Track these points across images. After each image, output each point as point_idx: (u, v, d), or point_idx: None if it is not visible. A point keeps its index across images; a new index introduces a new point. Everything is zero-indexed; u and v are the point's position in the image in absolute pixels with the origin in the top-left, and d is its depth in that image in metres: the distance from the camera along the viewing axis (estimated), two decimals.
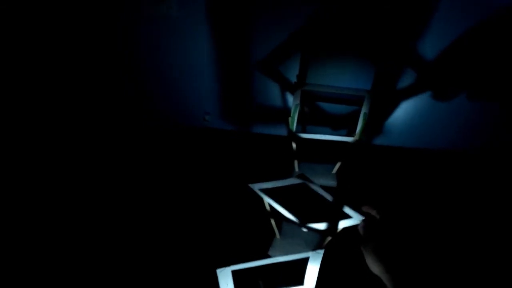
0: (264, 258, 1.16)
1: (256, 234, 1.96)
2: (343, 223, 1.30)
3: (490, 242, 2.01)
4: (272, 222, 1.75)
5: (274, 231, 1.81)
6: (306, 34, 2.13)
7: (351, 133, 2.46)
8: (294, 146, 2.09)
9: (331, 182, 2.16)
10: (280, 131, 2.64)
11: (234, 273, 1.04)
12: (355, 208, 1.20)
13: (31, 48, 2.42)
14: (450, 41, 2.04)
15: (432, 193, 2.31)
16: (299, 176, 1.21)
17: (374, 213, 1.14)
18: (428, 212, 2.19)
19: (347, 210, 1.21)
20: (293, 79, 2.32)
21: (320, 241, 1.80)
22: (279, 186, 1.31)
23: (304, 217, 1.55)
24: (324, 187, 1.27)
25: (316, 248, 1.76)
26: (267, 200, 1.49)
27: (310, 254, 1.01)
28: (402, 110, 2.39)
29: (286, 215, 1.61)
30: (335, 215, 1.26)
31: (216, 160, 2.55)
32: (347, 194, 2.19)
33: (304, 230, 1.83)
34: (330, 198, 1.25)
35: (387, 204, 2.04)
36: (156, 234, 2.06)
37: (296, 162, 2.20)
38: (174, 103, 2.63)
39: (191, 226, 2.11)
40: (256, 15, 2.13)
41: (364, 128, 1.99)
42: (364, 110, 2.00)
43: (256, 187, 1.38)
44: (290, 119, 2.05)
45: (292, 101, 2.11)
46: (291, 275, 1.18)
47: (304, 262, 1.12)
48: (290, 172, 2.22)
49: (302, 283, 1.15)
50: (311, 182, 1.22)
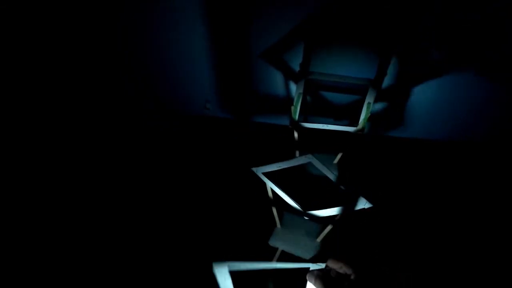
0: (264, 249, 1.12)
1: (257, 223, 1.94)
2: (347, 208, 1.28)
3: (491, 243, 2.00)
4: (274, 211, 1.73)
5: (275, 220, 1.78)
6: (310, 22, 2.10)
7: (353, 123, 2.43)
8: (296, 135, 2.07)
9: (333, 171, 2.14)
10: (282, 120, 2.61)
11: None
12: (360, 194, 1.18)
13: (31, 42, 2.39)
14: (456, 30, 2.02)
15: (434, 185, 2.30)
16: (306, 156, 1.18)
17: (344, 269, 0.89)
18: (427, 206, 2.18)
19: (353, 192, 1.19)
20: (296, 68, 2.29)
21: (321, 231, 1.77)
22: (283, 167, 1.28)
23: (307, 204, 1.53)
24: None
25: (317, 237, 1.74)
26: (270, 185, 1.47)
27: (311, 265, 0.95)
28: (405, 100, 2.37)
29: (288, 201, 1.59)
30: (339, 200, 1.24)
31: (218, 149, 2.53)
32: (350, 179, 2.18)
33: (306, 218, 1.81)
34: (335, 178, 1.23)
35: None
36: (158, 222, 2.04)
37: (297, 152, 2.18)
38: (175, 91, 2.59)
39: (191, 215, 2.10)
40: (259, 2, 2.10)
41: (367, 118, 1.97)
42: (368, 100, 1.97)
43: (259, 170, 1.36)
44: (292, 108, 2.03)
45: (295, 90, 2.08)
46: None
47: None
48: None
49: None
50: (318, 162, 1.20)
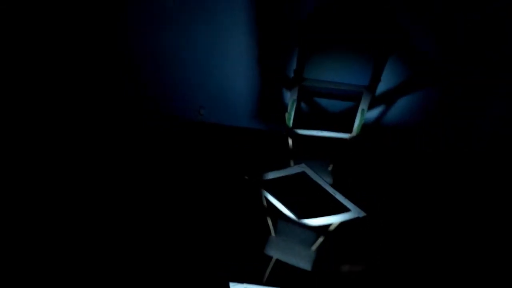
0: (259, 257, 1.09)
1: (252, 231, 1.92)
2: (341, 217, 1.26)
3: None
4: (268, 220, 1.71)
5: (269, 228, 1.76)
6: (304, 28, 2.10)
7: (348, 129, 2.43)
8: (291, 142, 2.05)
9: (327, 179, 2.12)
10: (277, 127, 2.60)
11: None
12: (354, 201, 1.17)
13: (31, 48, 2.38)
14: (448, 39, 2.03)
15: (428, 193, 2.30)
16: (300, 165, 1.17)
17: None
18: (421, 214, 2.17)
19: (346, 202, 1.17)
20: (290, 74, 2.29)
21: (316, 239, 1.76)
22: (278, 176, 1.26)
23: (301, 212, 1.51)
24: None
25: (311, 246, 1.72)
26: (265, 194, 1.45)
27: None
28: (398, 108, 2.37)
29: (282, 209, 1.57)
30: (333, 208, 1.22)
31: (212, 155, 2.51)
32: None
33: (300, 227, 1.79)
34: (329, 188, 1.21)
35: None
36: (152, 229, 2.01)
37: (292, 161, 2.16)
38: (170, 97, 2.58)
39: (187, 222, 2.07)
40: (252, 8, 2.09)
41: (361, 124, 1.96)
42: (362, 106, 1.97)
43: (254, 179, 1.34)
44: (287, 114, 2.02)
45: (289, 96, 2.07)
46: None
47: None
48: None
49: None
50: (312, 171, 1.18)
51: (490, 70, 2.10)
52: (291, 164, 2.16)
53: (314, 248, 1.70)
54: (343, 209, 1.26)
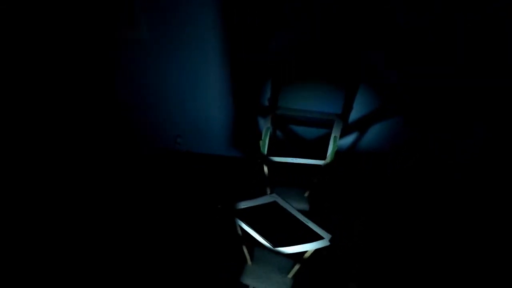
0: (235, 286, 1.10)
1: (227, 260, 1.89)
2: (314, 245, 1.28)
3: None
4: (244, 248, 1.70)
5: (245, 257, 1.75)
6: (277, 58, 2.18)
7: (322, 156, 2.48)
8: (266, 169, 2.07)
9: (304, 206, 2.14)
10: (252, 154, 2.63)
11: None
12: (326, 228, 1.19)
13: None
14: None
15: (405, 218, 2.35)
16: (271, 195, 1.19)
17: None
18: (399, 238, 2.21)
19: (317, 229, 1.19)
20: (265, 103, 2.34)
21: (292, 266, 1.75)
22: (251, 206, 1.27)
23: (276, 240, 1.51)
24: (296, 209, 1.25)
25: (288, 273, 1.72)
26: (239, 223, 1.46)
27: None
28: (371, 135, 2.45)
29: (258, 238, 1.57)
30: (308, 235, 1.24)
31: (187, 183, 2.49)
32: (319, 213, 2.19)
33: (276, 255, 1.78)
34: (301, 217, 1.23)
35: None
36: (124, 259, 1.95)
37: (268, 188, 2.18)
38: (146, 126, 2.58)
39: (161, 250, 2.02)
40: (228, 40, 2.16)
41: (335, 151, 2.01)
42: (335, 134, 2.03)
43: (227, 208, 1.35)
44: (261, 142, 2.05)
45: (263, 124, 2.11)
46: None
47: None
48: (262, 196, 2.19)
49: None
50: (283, 200, 1.20)
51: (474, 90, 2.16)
52: (267, 191, 2.18)
53: (290, 275, 1.70)
54: (317, 236, 1.28)
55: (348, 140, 2.49)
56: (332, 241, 1.11)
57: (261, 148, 2.04)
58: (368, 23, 2.01)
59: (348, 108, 2.27)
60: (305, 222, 1.22)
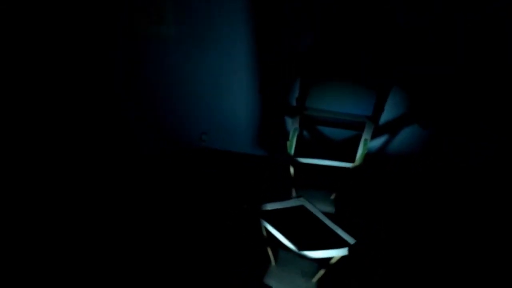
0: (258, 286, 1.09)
1: (252, 260, 1.88)
2: (341, 251, 1.24)
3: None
4: (268, 249, 1.69)
5: (270, 258, 1.73)
6: (307, 57, 2.14)
7: (351, 158, 2.42)
8: (292, 171, 2.05)
9: (330, 208, 2.10)
10: (279, 154, 2.60)
11: None
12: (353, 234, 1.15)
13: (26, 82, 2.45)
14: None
15: (433, 221, 2.26)
16: (299, 198, 1.17)
17: None
18: (425, 243, 2.13)
19: (345, 235, 1.15)
20: (293, 102, 2.31)
21: (317, 270, 1.72)
22: (277, 208, 1.25)
23: (301, 243, 1.49)
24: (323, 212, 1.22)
25: (312, 277, 1.69)
26: (264, 224, 1.44)
27: None
28: (401, 137, 2.37)
29: (283, 241, 1.55)
30: (333, 241, 1.20)
31: (213, 181, 2.50)
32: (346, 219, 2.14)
33: (301, 258, 1.76)
34: (328, 222, 1.20)
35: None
36: (149, 257, 1.99)
37: (293, 190, 2.15)
38: (172, 123, 2.60)
39: (186, 250, 2.04)
40: (258, 39, 2.14)
41: (364, 154, 1.96)
42: (365, 136, 1.97)
43: (253, 209, 1.33)
44: (288, 143, 2.03)
45: (291, 124, 2.09)
46: None
47: None
48: (288, 197, 2.17)
49: None
50: (311, 204, 1.17)
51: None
52: (293, 193, 2.15)
53: (315, 280, 1.67)
54: (343, 242, 1.24)
55: (376, 142, 2.41)
56: (359, 247, 1.07)
57: (288, 149, 2.02)
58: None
59: (379, 110, 2.20)
60: (333, 229, 1.19)
